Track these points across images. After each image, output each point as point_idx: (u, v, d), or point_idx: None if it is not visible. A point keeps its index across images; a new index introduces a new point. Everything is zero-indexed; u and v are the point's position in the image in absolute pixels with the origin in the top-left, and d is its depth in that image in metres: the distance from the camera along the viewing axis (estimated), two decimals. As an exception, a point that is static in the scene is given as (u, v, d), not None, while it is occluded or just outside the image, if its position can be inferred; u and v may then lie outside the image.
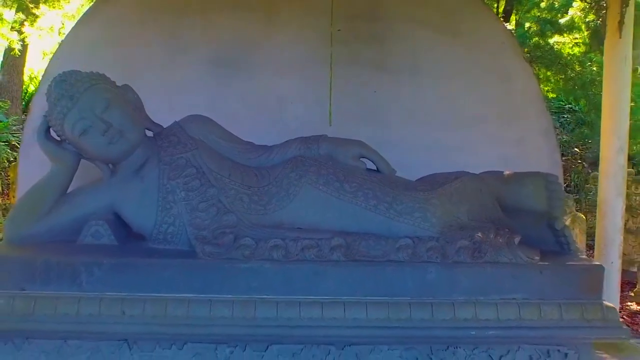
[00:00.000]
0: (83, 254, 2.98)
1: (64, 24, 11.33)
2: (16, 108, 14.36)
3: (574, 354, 2.99)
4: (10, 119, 12.50)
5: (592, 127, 7.85)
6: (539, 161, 4.05)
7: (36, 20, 9.94)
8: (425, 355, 2.95)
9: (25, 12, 10.02)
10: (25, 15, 9.88)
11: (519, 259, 2.97)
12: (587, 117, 7.67)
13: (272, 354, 2.92)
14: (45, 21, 10.50)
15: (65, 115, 3.06)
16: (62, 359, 2.91)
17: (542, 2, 8.22)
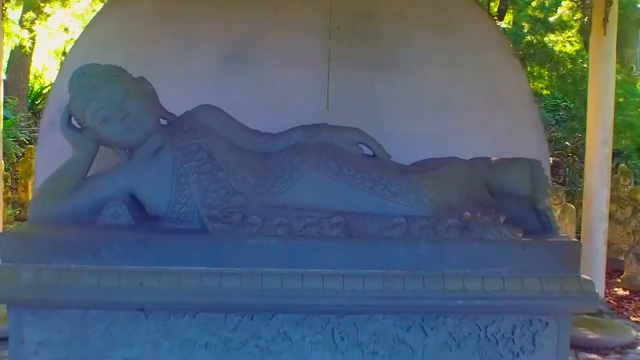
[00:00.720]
0: (103, 231, 3.23)
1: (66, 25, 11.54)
2: (23, 105, 14.59)
3: (554, 323, 3.25)
4: (17, 116, 12.75)
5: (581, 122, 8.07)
6: (526, 150, 4.24)
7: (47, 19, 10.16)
8: (417, 324, 3.20)
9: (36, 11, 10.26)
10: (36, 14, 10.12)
11: (503, 236, 3.22)
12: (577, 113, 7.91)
13: (277, 322, 3.17)
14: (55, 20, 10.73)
15: (87, 105, 3.31)
16: (84, 328, 3.16)
17: (533, 1, 8.48)
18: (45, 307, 3.15)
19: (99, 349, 3.16)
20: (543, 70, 8.76)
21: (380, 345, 3.19)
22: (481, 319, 3.21)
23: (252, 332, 3.17)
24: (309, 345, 3.18)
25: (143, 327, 3.16)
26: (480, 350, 3.22)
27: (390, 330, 3.20)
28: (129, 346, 3.16)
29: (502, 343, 3.22)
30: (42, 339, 3.16)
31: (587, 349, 4.17)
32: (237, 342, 3.16)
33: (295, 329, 3.17)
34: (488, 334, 3.22)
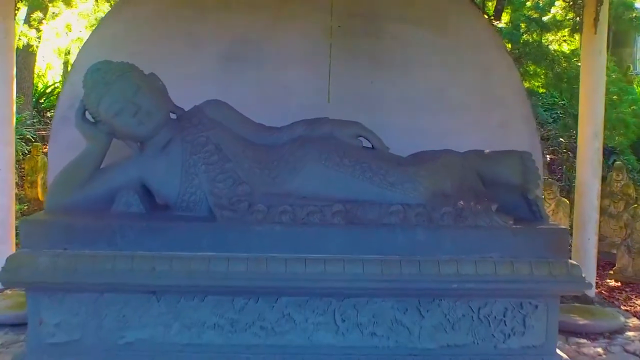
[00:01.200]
0: (117, 219, 3.40)
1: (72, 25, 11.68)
2: (27, 104, 14.73)
3: (544, 306, 3.41)
4: (23, 114, 12.88)
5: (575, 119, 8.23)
6: (519, 144, 4.38)
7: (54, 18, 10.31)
8: (414, 307, 3.37)
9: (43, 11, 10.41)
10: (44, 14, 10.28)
11: (495, 223, 3.39)
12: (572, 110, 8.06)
13: (281, 304, 3.34)
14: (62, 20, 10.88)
15: (100, 99, 3.48)
16: (98, 310, 3.32)
17: (527, 1, 8.64)
18: (61, 291, 3.32)
19: (112, 330, 3.33)
20: (539, 68, 8.92)
21: (379, 326, 3.36)
22: (474, 301, 3.38)
23: (257, 314, 3.33)
24: (312, 326, 3.35)
25: (155, 309, 3.32)
26: (474, 332, 3.39)
27: (389, 312, 3.36)
28: (141, 327, 3.33)
29: (494, 324, 3.39)
30: (59, 321, 3.32)
31: (577, 334, 4.33)
32: (244, 324, 3.33)
33: (299, 311, 3.34)
34: (481, 316, 3.38)
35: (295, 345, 3.34)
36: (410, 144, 3.94)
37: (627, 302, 5.77)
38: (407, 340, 3.37)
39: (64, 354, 3.31)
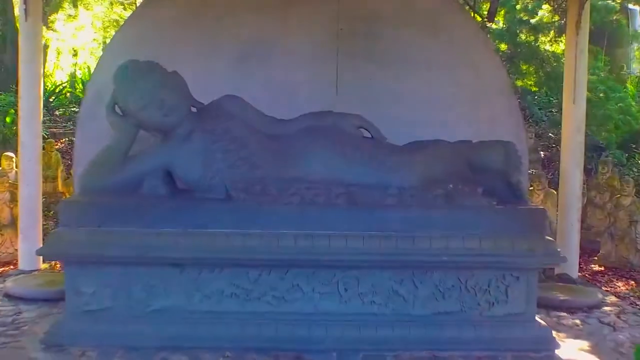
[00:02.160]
0: (145, 200, 3.80)
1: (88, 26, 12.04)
2: (38, 103, 15.15)
3: (524, 278, 3.80)
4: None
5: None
6: (505, 136, 4.67)
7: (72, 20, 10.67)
8: (408, 278, 3.76)
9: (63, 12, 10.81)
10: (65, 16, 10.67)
11: (481, 204, 3.79)
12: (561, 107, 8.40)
13: (291, 276, 3.72)
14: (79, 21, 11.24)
15: (129, 95, 3.87)
16: (128, 281, 3.71)
17: (517, 5, 9.02)
18: (96, 264, 3.70)
19: (140, 299, 3.72)
20: (530, 67, 9.28)
21: (378, 295, 3.75)
22: (462, 273, 3.76)
23: (270, 284, 3.72)
24: (318, 295, 3.74)
25: (178, 280, 3.71)
26: (462, 300, 3.78)
27: (386, 283, 3.75)
28: (166, 297, 3.72)
29: (480, 294, 3.78)
30: (93, 291, 3.71)
31: (558, 309, 4.68)
32: (257, 293, 3.72)
33: (306, 282, 3.73)
34: (468, 287, 3.77)
35: (303, 312, 3.73)
36: (406, 135, 4.31)
37: (608, 284, 6.16)
38: (402, 308, 3.76)
39: (97, 321, 3.70)
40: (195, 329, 3.67)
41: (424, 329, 3.73)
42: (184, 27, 5.14)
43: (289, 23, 5.19)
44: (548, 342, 3.81)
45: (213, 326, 3.68)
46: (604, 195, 7.57)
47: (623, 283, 6.24)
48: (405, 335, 3.71)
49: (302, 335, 3.67)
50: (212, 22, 5.13)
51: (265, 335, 3.66)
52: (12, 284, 4.80)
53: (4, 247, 6.75)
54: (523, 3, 8.95)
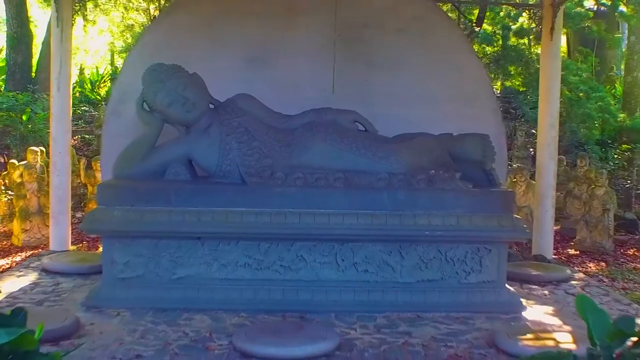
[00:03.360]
0: (171, 184, 4.38)
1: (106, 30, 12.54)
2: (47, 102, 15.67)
3: (495, 250, 4.38)
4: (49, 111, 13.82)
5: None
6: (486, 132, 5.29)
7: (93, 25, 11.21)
8: (396, 250, 4.34)
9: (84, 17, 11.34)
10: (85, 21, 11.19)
11: (458, 187, 4.37)
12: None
13: (296, 248, 4.31)
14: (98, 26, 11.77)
15: (157, 93, 4.46)
16: (157, 252, 4.29)
17: (501, 12, 9.59)
18: (129, 238, 4.28)
19: (167, 268, 4.30)
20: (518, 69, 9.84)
21: (370, 265, 4.33)
22: (442, 246, 4.34)
23: (277, 255, 4.30)
24: (319, 265, 4.32)
25: (199, 252, 4.29)
26: (442, 269, 4.36)
27: (377, 254, 4.33)
28: (189, 266, 4.30)
29: (458, 264, 4.36)
30: (126, 260, 4.29)
31: (530, 282, 5.24)
32: (267, 263, 4.30)
33: (309, 253, 4.31)
34: (447, 258, 4.35)
35: (306, 280, 4.31)
36: (397, 129, 4.88)
37: (581, 265, 6.74)
38: (391, 276, 4.34)
39: (130, 287, 4.29)
40: (214, 294, 4.25)
41: (409, 294, 4.31)
42: (198, 33, 5.71)
43: (292, 30, 5.76)
44: (516, 306, 4.40)
45: (229, 291, 4.26)
46: (582, 187, 8.15)
47: (594, 264, 6.83)
48: (393, 299, 4.29)
49: (306, 298, 4.26)
50: (223, 29, 5.70)
51: (274, 299, 4.25)
52: (49, 261, 5.39)
53: (32, 233, 7.34)
54: (506, 10, 9.52)
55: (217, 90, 4.81)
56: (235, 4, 5.76)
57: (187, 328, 3.90)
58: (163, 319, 4.05)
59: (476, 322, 4.12)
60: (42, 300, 4.49)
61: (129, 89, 5.44)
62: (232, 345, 3.57)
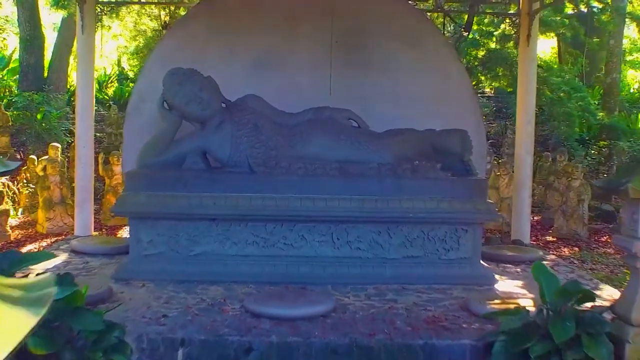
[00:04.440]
0: (188, 172, 4.98)
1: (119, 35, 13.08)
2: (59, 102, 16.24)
3: (471, 231, 4.97)
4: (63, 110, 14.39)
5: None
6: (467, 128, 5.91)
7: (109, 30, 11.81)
8: (384, 230, 4.93)
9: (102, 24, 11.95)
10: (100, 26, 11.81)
11: (439, 176, 4.98)
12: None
13: (298, 228, 4.90)
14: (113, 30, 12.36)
15: (176, 94, 5.05)
16: (176, 232, 4.88)
17: (485, 19, 10.18)
18: (152, 219, 4.87)
19: (185, 246, 4.89)
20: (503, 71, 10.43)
21: (362, 243, 4.92)
22: (424, 227, 4.92)
23: (282, 235, 4.90)
24: (317, 243, 4.91)
25: (214, 231, 4.89)
26: (425, 247, 4.95)
27: (368, 234, 4.92)
28: (204, 244, 4.88)
29: (438, 243, 4.96)
30: (150, 239, 4.88)
31: (506, 262, 5.84)
32: (272, 241, 4.89)
33: (309, 233, 4.90)
34: (429, 237, 4.95)
35: (307, 256, 4.90)
36: (386, 125, 5.47)
37: (556, 249, 7.34)
38: (380, 253, 4.93)
39: (153, 262, 4.88)
40: (226, 268, 4.84)
41: (396, 268, 4.90)
42: (210, 40, 6.31)
43: (294, 37, 6.36)
44: (489, 279, 5.00)
45: (239, 266, 4.86)
46: (561, 180, 8.75)
47: (568, 249, 7.43)
48: (382, 272, 4.89)
49: (306, 272, 4.84)
50: (232, 36, 6.30)
51: (278, 272, 4.84)
52: (77, 243, 5.99)
53: (55, 221, 7.95)
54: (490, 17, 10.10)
55: (228, 91, 5.40)
56: (243, 15, 6.35)
57: (204, 295, 4.49)
58: (182, 288, 4.62)
59: (453, 292, 4.70)
60: (75, 275, 5.05)
61: (148, 90, 6.05)
62: (244, 308, 4.16)
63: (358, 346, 3.68)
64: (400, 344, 3.71)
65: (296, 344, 3.67)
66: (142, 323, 3.88)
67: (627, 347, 3.44)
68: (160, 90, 5.26)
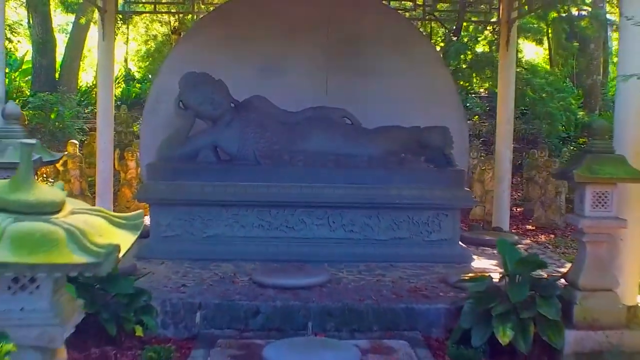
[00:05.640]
0: (202, 164, 5.60)
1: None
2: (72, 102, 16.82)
3: (451, 215, 5.56)
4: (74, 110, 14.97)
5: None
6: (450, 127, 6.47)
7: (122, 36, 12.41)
8: (374, 214, 5.51)
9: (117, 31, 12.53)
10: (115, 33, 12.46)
11: (423, 167, 5.60)
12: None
13: (298, 213, 5.48)
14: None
15: (191, 95, 5.67)
16: (191, 216, 5.46)
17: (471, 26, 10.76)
18: (170, 205, 5.44)
19: (199, 228, 5.48)
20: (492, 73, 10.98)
21: (355, 226, 5.51)
22: (410, 212, 5.51)
23: (284, 218, 5.49)
24: (315, 226, 5.50)
25: (224, 216, 5.47)
26: (410, 230, 5.54)
27: (360, 218, 5.51)
28: (216, 227, 5.47)
29: (422, 226, 5.55)
30: (168, 222, 5.47)
31: (484, 245, 6.42)
32: (276, 224, 5.48)
33: (308, 217, 5.49)
34: (414, 221, 5.54)
35: (306, 237, 5.48)
36: (377, 123, 6.04)
37: (534, 236, 7.96)
38: (370, 234, 5.52)
39: (171, 243, 5.46)
40: (235, 248, 5.42)
41: (384, 248, 5.50)
42: (220, 47, 6.86)
43: (294, 45, 6.87)
44: (466, 257, 5.61)
45: (247, 246, 5.45)
46: (542, 174, 9.34)
47: (545, 236, 8.05)
48: (372, 252, 5.48)
49: (305, 251, 5.42)
50: (240, 44, 6.84)
51: (281, 252, 5.41)
52: (100, 228, 6.60)
53: (75, 212, 8.55)
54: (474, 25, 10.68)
55: (236, 92, 6.00)
56: (250, 25, 6.86)
57: (217, 271, 5.09)
58: (197, 265, 5.21)
59: (435, 269, 5.29)
60: (101, 254, 5.71)
61: (163, 92, 6.63)
62: (252, 280, 4.76)
63: (349, 309, 4.29)
64: (385, 307, 4.33)
65: (297, 308, 4.28)
66: (165, 291, 4.49)
67: (575, 308, 4.04)
68: (174, 92, 5.88)
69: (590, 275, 4.07)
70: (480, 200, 8.54)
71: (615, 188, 4.09)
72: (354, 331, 4.24)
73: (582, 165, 4.02)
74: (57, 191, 1.80)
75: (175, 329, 4.25)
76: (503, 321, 3.88)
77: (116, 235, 1.56)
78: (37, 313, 2.09)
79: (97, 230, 1.57)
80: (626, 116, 4.31)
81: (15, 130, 3.87)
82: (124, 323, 3.95)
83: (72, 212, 1.69)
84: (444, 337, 4.24)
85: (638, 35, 4.03)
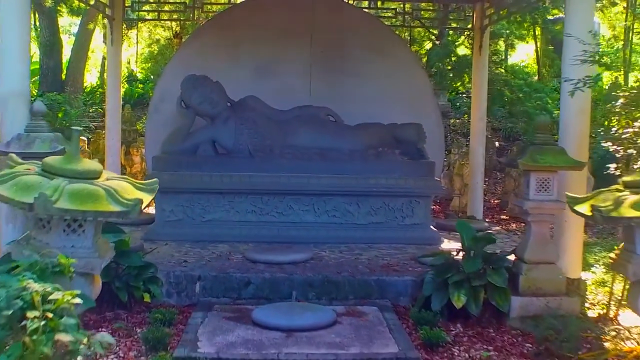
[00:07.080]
0: (202, 158, 6.22)
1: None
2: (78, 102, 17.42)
3: (423, 202, 6.17)
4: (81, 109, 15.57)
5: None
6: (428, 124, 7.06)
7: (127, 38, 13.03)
8: (354, 202, 6.10)
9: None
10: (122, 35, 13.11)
11: (398, 159, 6.22)
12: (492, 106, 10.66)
13: (287, 200, 6.08)
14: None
15: (191, 95, 6.28)
16: (192, 203, 6.09)
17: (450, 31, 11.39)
18: (173, 193, 6.02)
19: (199, 213, 6.08)
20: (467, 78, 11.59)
21: (337, 212, 6.11)
22: (386, 199, 6.11)
23: (274, 205, 6.09)
24: (302, 212, 6.11)
25: (221, 203, 6.07)
26: (386, 215, 6.14)
27: (342, 205, 6.11)
28: (214, 212, 6.07)
29: (397, 212, 6.16)
30: (171, 208, 6.07)
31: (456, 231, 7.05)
32: (267, 210, 6.09)
33: (296, 204, 6.09)
34: (390, 207, 6.14)
35: (294, 222, 6.08)
36: (358, 120, 6.65)
37: (505, 225, 8.58)
38: (351, 219, 6.12)
39: (173, 226, 6.06)
40: (231, 231, 6.02)
41: (363, 232, 6.10)
42: (218, 52, 7.49)
43: (285, 50, 7.46)
44: (436, 239, 6.22)
45: (241, 229, 6.04)
46: (518, 169, 9.95)
47: (516, 225, 8.66)
48: (352, 235, 6.08)
49: (293, 234, 6.02)
50: (236, 48, 7.47)
51: (271, 235, 6.01)
52: (110, 216, 7.23)
53: (85, 203, 9.16)
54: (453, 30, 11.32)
55: (232, 93, 6.62)
56: (246, 31, 7.46)
57: (214, 250, 5.69)
58: (197, 246, 5.79)
59: (407, 250, 5.88)
60: (112, 237, 6.33)
61: (166, 92, 7.25)
62: (244, 257, 5.37)
63: (328, 281, 4.91)
64: (359, 279, 4.94)
65: (283, 279, 4.89)
66: (169, 265, 5.10)
67: (521, 278, 4.66)
68: (176, 93, 6.49)
69: (534, 250, 4.69)
70: (460, 192, 9.16)
71: (556, 175, 4.72)
72: (332, 299, 4.84)
73: (526, 155, 4.65)
74: (97, 164, 2.48)
75: (178, 297, 4.86)
76: (458, 288, 4.51)
77: (139, 194, 2.21)
78: (83, 249, 2.97)
79: (125, 190, 2.22)
80: (569, 115, 4.98)
81: (41, 125, 4.48)
82: (134, 291, 4.55)
83: (108, 178, 2.36)
84: (411, 304, 4.84)
85: (574, 46, 4.68)
